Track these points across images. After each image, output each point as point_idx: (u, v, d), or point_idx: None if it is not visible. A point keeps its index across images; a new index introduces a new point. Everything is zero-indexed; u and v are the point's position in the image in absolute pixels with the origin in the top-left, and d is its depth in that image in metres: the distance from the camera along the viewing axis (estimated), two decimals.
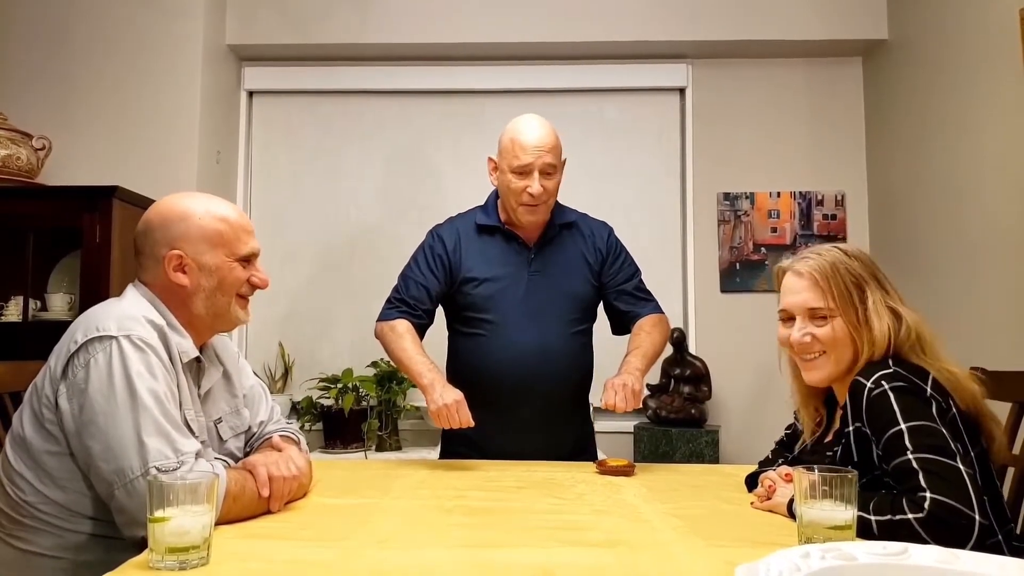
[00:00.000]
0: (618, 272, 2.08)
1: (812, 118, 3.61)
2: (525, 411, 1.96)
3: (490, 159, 2.04)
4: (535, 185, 1.91)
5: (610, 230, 2.14)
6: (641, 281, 2.11)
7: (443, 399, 1.77)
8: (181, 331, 1.39)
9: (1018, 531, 1.44)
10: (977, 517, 1.13)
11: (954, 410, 1.31)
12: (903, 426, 1.25)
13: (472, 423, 1.76)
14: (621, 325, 2.09)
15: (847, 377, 1.41)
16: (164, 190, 1.51)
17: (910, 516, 1.15)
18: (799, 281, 1.43)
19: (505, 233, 2.04)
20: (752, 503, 1.45)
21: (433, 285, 2.00)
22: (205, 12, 3.27)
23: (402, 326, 1.97)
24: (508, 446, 1.94)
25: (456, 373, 2.06)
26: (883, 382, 1.30)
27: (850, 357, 1.40)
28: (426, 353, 1.91)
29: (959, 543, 1.10)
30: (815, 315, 1.41)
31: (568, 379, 2.03)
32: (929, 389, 1.30)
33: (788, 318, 1.46)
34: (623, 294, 2.06)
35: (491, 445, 1.96)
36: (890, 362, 1.34)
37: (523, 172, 1.92)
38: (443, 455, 2.10)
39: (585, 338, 2.07)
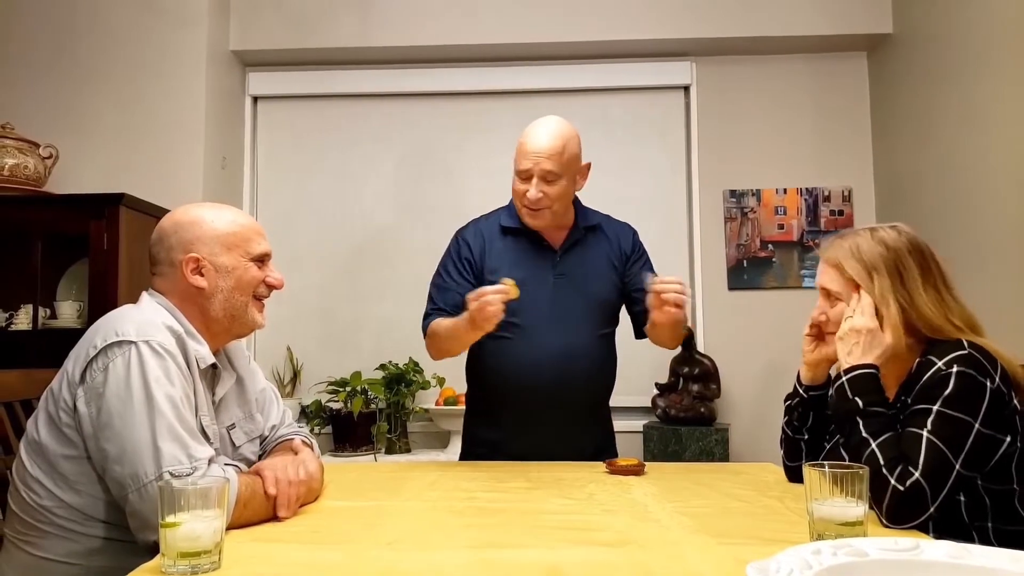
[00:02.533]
0: (637, 273, 2.05)
1: (817, 114, 3.59)
2: (548, 414, 1.95)
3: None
4: (532, 190, 1.89)
5: (634, 232, 2.13)
6: None
7: (471, 306, 1.71)
8: (198, 338, 1.40)
9: None
10: (931, 509, 1.23)
11: (1015, 402, 1.33)
12: (936, 408, 1.29)
13: (506, 288, 1.70)
14: (642, 324, 2.07)
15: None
16: (171, 196, 1.53)
17: (893, 481, 1.25)
18: (822, 264, 1.52)
19: (530, 236, 2.01)
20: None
21: (466, 289, 1.96)
22: (209, 18, 3.29)
23: (439, 325, 1.93)
24: (530, 449, 1.93)
25: (480, 376, 2.05)
26: (955, 364, 1.31)
27: None
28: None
29: (908, 520, 1.24)
30: (828, 295, 1.50)
31: (593, 383, 2.01)
32: (998, 379, 1.31)
33: (823, 296, 1.54)
34: (644, 292, 2.04)
35: (513, 448, 1.95)
36: (965, 343, 1.35)
37: (524, 177, 1.92)
38: (463, 456, 2.10)
39: (609, 342, 2.06)
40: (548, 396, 1.93)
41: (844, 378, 1.41)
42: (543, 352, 1.93)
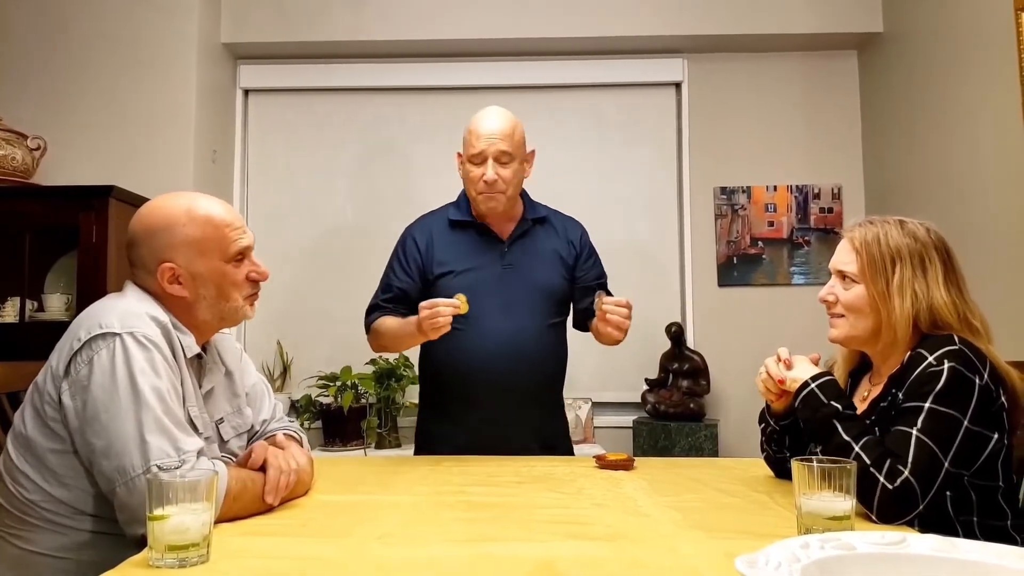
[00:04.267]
0: (590, 269, 2.10)
1: (808, 112, 3.61)
2: (499, 404, 1.97)
3: (458, 154, 2.07)
4: (489, 172, 1.94)
5: (583, 229, 2.16)
6: (606, 283, 2.13)
7: (422, 315, 1.79)
8: (184, 329, 1.39)
9: None
10: (920, 507, 1.24)
11: (1003, 399, 1.34)
12: (927, 405, 1.29)
13: (457, 303, 1.78)
14: (585, 319, 2.09)
15: (874, 348, 1.48)
16: (161, 189, 1.50)
17: (881, 479, 1.24)
18: (843, 244, 1.50)
19: (478, 227, 2.05)
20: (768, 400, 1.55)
21: (409, 286, 2.03)
22: (200, 10, 3.27)
23: (384, 324, 2.01)
24: (482, 440, 1.95)
25: (430, 368, 2.08)
26: (945, 360, 1.32)
27: (869, 326, 1.44)
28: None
29: (896, 518, 1.24)
30: (843, 277, 1.47)
31: (542, 372, 2.03)
32: (986, 376, 1.32)
33: (837, 278, 1.53)
34: (590, 290, 2.05)
35: (465, 439, 1.97)
36: (956, 339, 1.35)
37: (478, 160, 1.95)
38: (418, 451, 2.11)
39: (559, 331, 2.08)
40: (498, 385, 1.95)
41: (813, 385, 1.42)
42: (492, 341, 1.95)
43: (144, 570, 1.00)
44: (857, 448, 1.29)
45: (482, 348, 1.94)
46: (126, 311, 1.30)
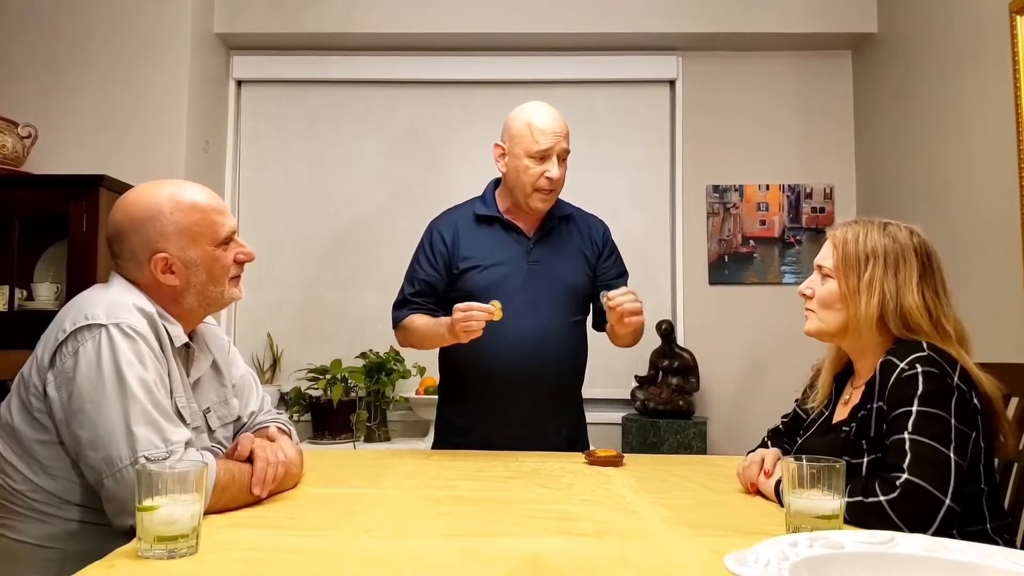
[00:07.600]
0: (610, 268, 2.10)
1: (801, 111, 3.61)
2: (520, 400, 1.97)
3: (497, 145, 2.03)
4: (554, 169, 1.94)
5: (606, 227, 2.17)
6: (626, 282, 2.12)
7: (456, 316, 1.78)
8: (170, 319, 1.38)
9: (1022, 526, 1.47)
10: (947, 501, 1.19)
11: (976, 401, 1.34)
12: (914, 408, 1.29)
13: (492, 309, 1.77)
14: (602, 320, 2.09)
15: (846, 344, 1.49)
16: (152, 179, 1.49)
17: (881, 498, 1.20)
18: (827, 241, 1.52)
19: (504, 223, 2.04)
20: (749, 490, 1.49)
21: (436, 280, 2.02)
22: (193, 0, 3.24)
23: (414, 322, 2.00)
24: (502, 435, 1.95)
25: (453, 362, 2.06)
26: (917, 364, 1.32)
27: (838, 321, 1.46)
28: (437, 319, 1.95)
29: (923, 523, 1.18)
30: (821, 272, 1.50)
31: (564, 369, 2.04)
32: (956, 378, 1.32)
33: (816, 272, 1.55)
34: (610, 289, 2.05)
35: (483, 434, 1.97)
36: (924, 345, 1.36)
37: (542, 157, 1.94)
38: (436, 445, 2.10)
39: (581, 329, 2.09)
40: (519, 381, 1.95)
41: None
42: (515, 337, 1.94)
43: (133, 560, 0.99)
44: (849, 500, 1.23)
45: (504, 344, 1.92)
46: (112, 302, 1.30)
